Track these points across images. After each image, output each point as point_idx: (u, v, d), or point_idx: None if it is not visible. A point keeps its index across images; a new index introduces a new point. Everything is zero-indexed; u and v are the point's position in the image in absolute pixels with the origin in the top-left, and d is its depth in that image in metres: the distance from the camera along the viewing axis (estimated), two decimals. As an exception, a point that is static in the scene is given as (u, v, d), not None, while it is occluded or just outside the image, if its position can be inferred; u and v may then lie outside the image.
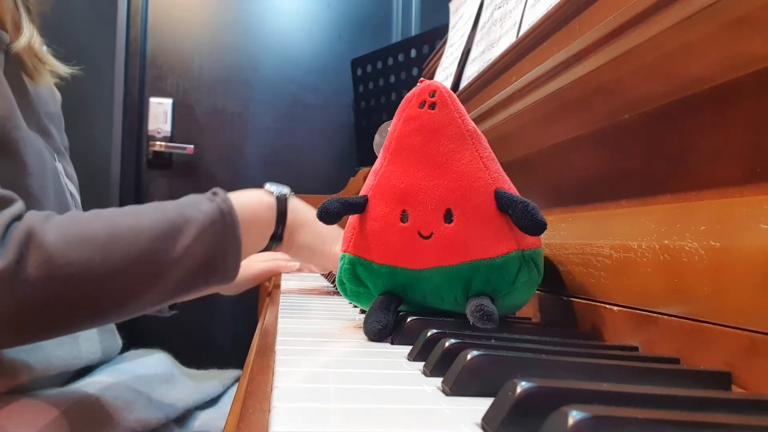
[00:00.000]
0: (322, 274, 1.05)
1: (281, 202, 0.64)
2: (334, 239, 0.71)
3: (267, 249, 0.65)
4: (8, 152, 0.54)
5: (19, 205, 0.48)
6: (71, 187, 0.69)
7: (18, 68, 0.66)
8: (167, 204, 0.55)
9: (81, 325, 0.51)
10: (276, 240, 0.65)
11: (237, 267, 0.56)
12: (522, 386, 0.22)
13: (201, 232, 0.52)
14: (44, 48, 0.67)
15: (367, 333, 0.43)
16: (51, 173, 0.61)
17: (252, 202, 0.60)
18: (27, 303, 0.45)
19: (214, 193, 0.56)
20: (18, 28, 0.63)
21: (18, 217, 0.47)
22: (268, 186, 0.66)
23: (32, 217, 0.48)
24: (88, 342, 0.68)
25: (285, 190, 0.66)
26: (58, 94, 0.77)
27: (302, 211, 0.67)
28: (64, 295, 0.47)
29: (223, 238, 0.54)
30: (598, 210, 0.49)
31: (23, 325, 0.47)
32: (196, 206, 0.54)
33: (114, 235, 0.49)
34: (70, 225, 0.49)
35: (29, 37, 0.63)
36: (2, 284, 0.44)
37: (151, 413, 0.63)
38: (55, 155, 0.67)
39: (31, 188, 0.55)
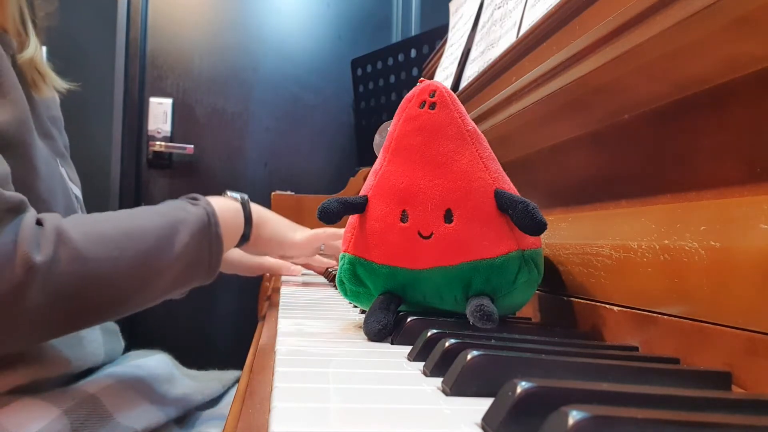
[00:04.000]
0: (321, 273, 1.05)
1: (245, 206, 0.72)
2: (293, 229, 0.81)
3: (237, 247, 0.72)
4: (22, 156, 0.55)
5: (32, 209, 0.51)
6: (75, 190, 0.70)
7: (22, 75, 0.67)
8: (158, 207, 0.60)
9: (101, 318, 0.56)
10: (244, 239, 0.72)
11: (219, 264, 0.61)
12: (522, 386, 0.22)
13: (193, 232, 0.57)
14: (45, 60, 0.68)
15: (367, 333, 0.43)
16: (58, 177, 0.62)
17: (224, 206, 0.67)
18: (60, 296, 0.48)
19: (195, 198, 0.62)
20: (23, 42, 0.63)
21: (38, 221, 0.50)
22: (229, 193, 0.73)
23: (56, 217, 0.51)
24: (92, 344, 0.68)
25: (244, 196, 0.73)
26: (55, 96, 0.77)
27: (262, 211, 0.76)
28: (91, 289, 0.50)
29: (210, 238, 0.59)
30: (598, 210, 0.49)
31: (54, 319, 0.50)
32: (184, 209, 0.59)
33: (126, 234, 0.53)
34: (89, 224, 0.53)
35: (33, 51, 0.64)
36: (38, 279, 0.46)
37: (151, 413, 0.63)
38: (58, 159, 0.67)
39: (40, 191, 0.57)
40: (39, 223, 0.49)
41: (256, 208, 0.74)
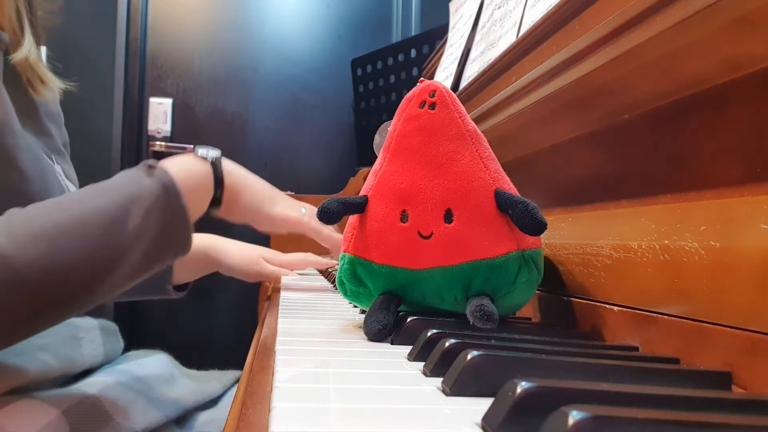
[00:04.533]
0: (320, 272, 1.05)
1: (216, 167, 0.64)
2: (272, 199, 0.73)
3: (206, 214, 0.65)
4: (4, 159, 0.53)
5: None
6: (72, 188, 0.69)
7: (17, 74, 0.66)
8: (106, 185, 0.53)
9: (48, 322, 0.51)
10: (215, 204, 0.65)
11: (189, 237, 0.56)
12: (522, 386, 0.22)
13: (148, 209, 0.52)
14: (44, 61, 0.67)
15: (367, 333, 0.43)
16: (52, 177, 0.60)
17: (188, 169, 0.60)
18: None
19: (150, 166, 0.55)
20: (18, 41, 0.63)
21: None
22: (199, 151, 0.65)
23: None
24: (90, 345, 0.68)
25: (216, 152, 0.65)
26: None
27: (238, 173, 0.68)
28: (27, 295, 0.46)
29: (171, 212, 0.54)
30: (598, 210, 0.49)
31: None
32: (137, 183, 0.53)
33: (65, 228, 0.48)
34: (21, 222, 0.47)
35: (27, 50, 0.62)
36: None
37: (151, 414, 0.63)
38: (53, 156, 0.67)
39: (30, 193, 0.55)
40: None
41: (231, 170, 0.66)
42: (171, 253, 0.55)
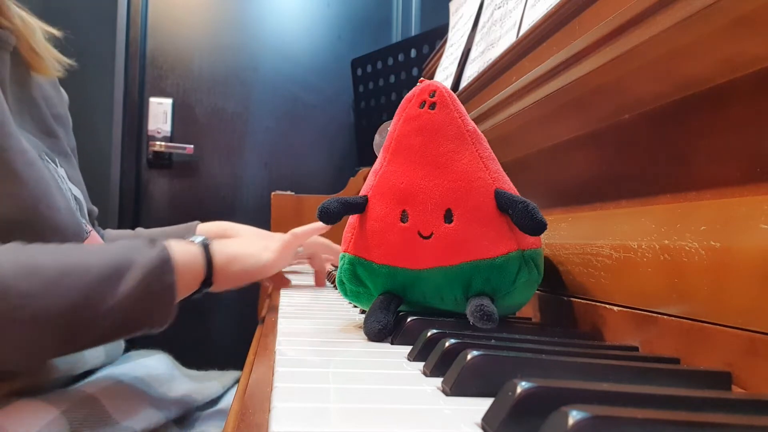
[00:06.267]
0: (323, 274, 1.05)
1: (206, 249, 0.65)
2: (263, 248, 0.72)
3: (197, 294, 0.65)
4: None
5: None
6: (76, 192, 0.68)
7: (26, 68, 0.66)
8: (111, 246, 0.55)
9: (20, 362, 0.51)
10: (206, 285, 0.65)
11: (170, 313, 0.55)
12: (522, 386, 0.22)
13: (143, 276, 0.52)
14: (41, 35, 0.67)
15: (367, 333, 0.43)
16: (50, 180, 0.59)
17: (183, 250, 0.61)
18: None
19: (153, 241, 0.57)
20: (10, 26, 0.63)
21: None
22: (191, 238, 0.66)
23: None
24: None
25: (206, 240, 0.67)
26: (65, 95, 0.77)
27: (225, 249, 0.67)
28: (9, 326, 0.46)
29: (161, 285, 0.54)
30: (598, 210, 0.49)
31: None
32: (139, 251, 0.54)
33: (63, 271, 0.48)
34: (25, 254, 0.48)
35: (24, 29, 0.62)
36: None
37: (151, 414, 0.63)
38: (57, 159, 0.67)
39: (23, 197, 0.54)
40: None
41: (217, 250, 0.66)
42: (147, 325, 0.54)
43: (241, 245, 0.71)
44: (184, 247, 0.62)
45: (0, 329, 0.45)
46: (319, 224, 0.77)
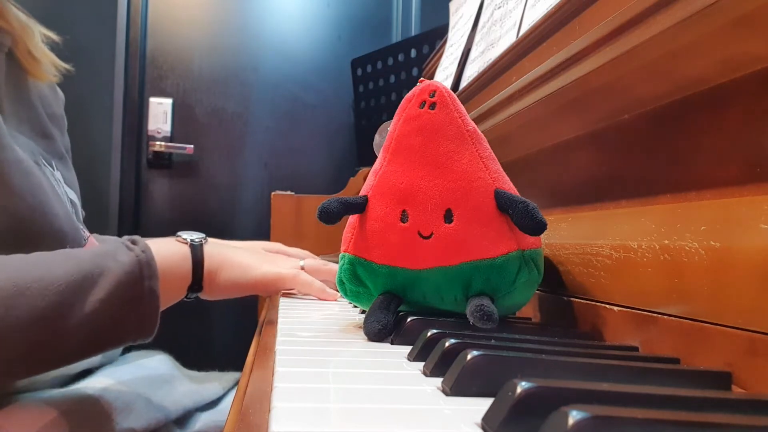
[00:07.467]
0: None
1: (196, 250, 0.60)
2: (257, 264, 0.67)
3: (187, 299, 0.61)
4: None
5: None
6: (72, 195, 0.68)
7: (21, 69, 0.66)
8: (83, 253, 0.51)
9: None
10: (195, 290, 0.61)
11: (154, 322, 0.51)
12: (522, 386, 0.22)
13: (116, 284, 0.48)
14: (39, 39, 0.67)
15: (367, 333, 0.43)
16: (48, 188, 0.58)
17: (168, 250, 0.57)
18: None
19: (134, 242, 0.52)
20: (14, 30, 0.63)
21: None
22: (183, 234, 0.62)
23: None
24: None
25: (198, 236, 0.62)
26: (61, 95, 0.77)
27: (218, 252, 0.63)
28: None
29: (138, 292, 0.50)
30: (598, 210, 0.49)
31: None
32: (113, 256, 0.50)
33: (20, 287, 0.44)
34: None
35: (23, 33, 0.62)
36: None
37: (150, 414, 0.63)
38: (54, 162, 0.66)
39: (20, 209, 0.52)
40: None
41: (210, 252, 0.61)
42: (127, 337, 0.51)
43: (236, 254, 0.66)
44: (169, 246, 0.58)
45: None
46: (333, 270, 0.72)
